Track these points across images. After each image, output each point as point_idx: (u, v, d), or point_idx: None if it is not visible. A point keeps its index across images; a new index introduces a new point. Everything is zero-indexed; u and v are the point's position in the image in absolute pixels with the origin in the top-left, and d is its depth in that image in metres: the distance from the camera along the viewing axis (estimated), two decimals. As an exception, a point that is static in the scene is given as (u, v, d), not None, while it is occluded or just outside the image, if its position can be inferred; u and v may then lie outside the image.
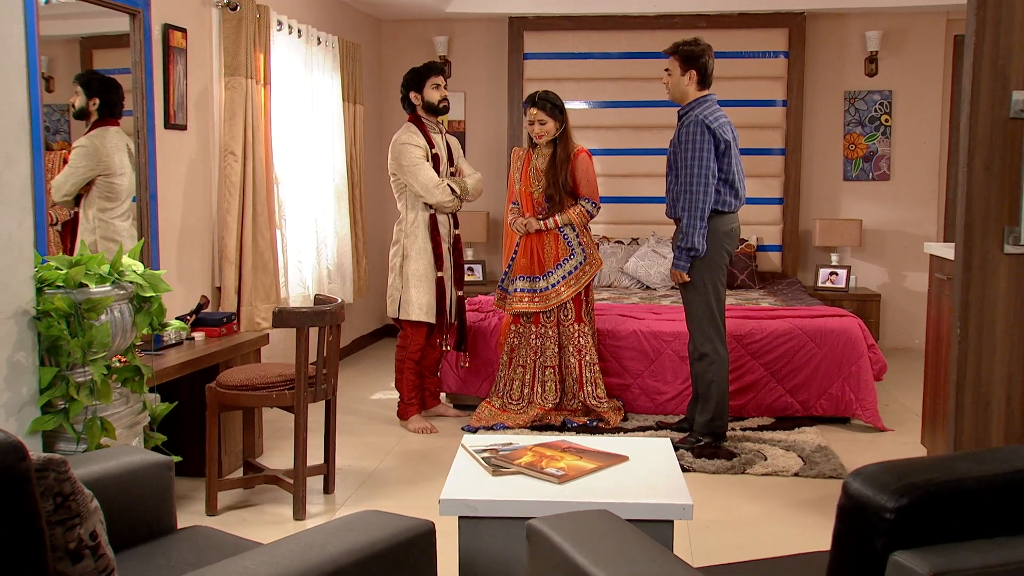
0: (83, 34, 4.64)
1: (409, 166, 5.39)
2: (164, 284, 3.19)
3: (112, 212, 4.59)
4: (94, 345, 2.91)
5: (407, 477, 4.71)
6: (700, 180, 4.81)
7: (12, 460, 1.58)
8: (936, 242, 7.81)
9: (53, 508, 1.71)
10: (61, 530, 1.72)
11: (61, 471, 1.72)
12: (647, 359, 5.72)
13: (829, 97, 8.03)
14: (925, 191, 7.95)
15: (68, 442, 3.00)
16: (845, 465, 4.77)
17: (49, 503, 1.70)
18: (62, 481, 1.72)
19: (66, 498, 1.73)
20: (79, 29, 4.62)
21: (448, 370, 5.88)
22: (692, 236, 4.84)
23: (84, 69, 4.64)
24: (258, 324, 5.48)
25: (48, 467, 1.71)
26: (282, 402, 4.11)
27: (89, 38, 4.68)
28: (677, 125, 5.01)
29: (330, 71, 6.74)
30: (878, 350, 5.67)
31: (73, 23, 4.55)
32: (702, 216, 4.82)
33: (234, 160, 5.34)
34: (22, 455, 1.60)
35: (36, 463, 1.68)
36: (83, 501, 1.77)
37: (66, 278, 2.91)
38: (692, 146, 4.83)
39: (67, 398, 2.94)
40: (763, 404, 5.64)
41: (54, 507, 1.71)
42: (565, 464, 2.97)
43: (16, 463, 1.59)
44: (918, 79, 7.88)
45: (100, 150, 4.49)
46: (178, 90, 5.04)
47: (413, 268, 5.47)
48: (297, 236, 6.17)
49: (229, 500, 4.33)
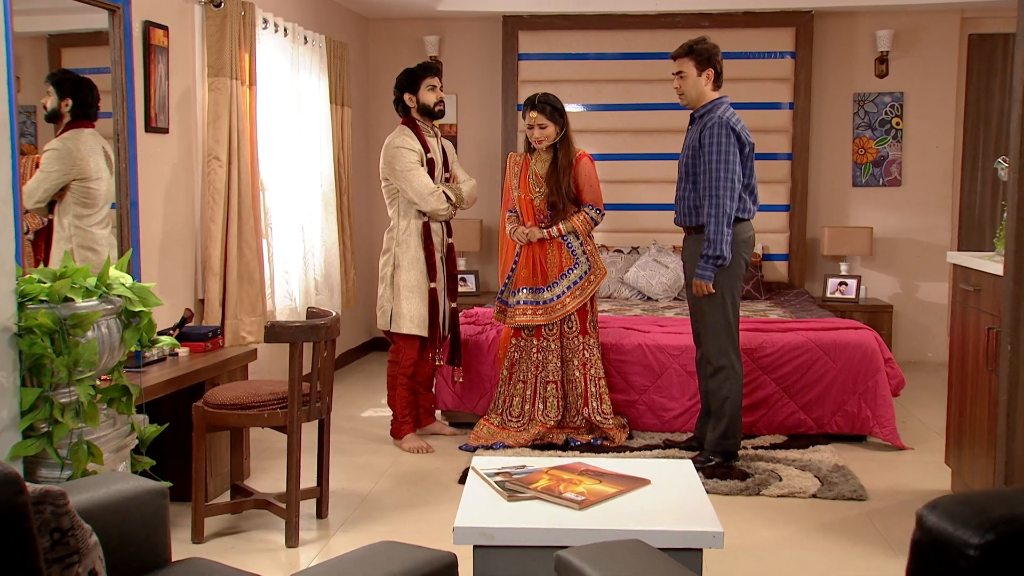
0: (52, 31, 4.55)
1: (403, 171, 5.32)
2: (154, 298, 3.11)
3: (89, 219, 4.50)
4: (80, 364, 2.82)
5: (404, 500, 4.63)
6: (727, 185, 4.76)
7: (8, 494, 1.50)
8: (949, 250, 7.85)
9: (50, 545, 1.63)
10: (59, 568, 1.65)
11: (59, 504, 1.64)
12: (653, 374, 5.66)
13: (838, 99, 8.01)
14: (938, 197, 7.93)
15: (51, 468, 2.91)
16: (865, 486, 4.72)
17: (46, 539, 1.63)
18: (60, 515, 1.64)
19: (64, 533, 1.65)
20: (47, 26, 4.53)
21: (443, 386, 5.81)
22: (720, 244, 4.77)
23: (53, 68, 4.54)
24: (243, 338, 5.39)
25: (45, 500, 1.63)
26: (274, 422, 4.03)
27: (58, 36, 4.59)
28: (692, 128, 4.97)
29: (317, 72, 6.67)
30: (895, 364, 5.62)
31: (41, 20, 4.47)
32: (728, 223, 4.78)
33: (218, 165, 5.26)
34: (18, 488, 1.52)
35: (32, 495, 1.60)
36: (82, 536, 1.69)
37: (50, 292, 2.83)
38: (717, 149, 4.77)
39: (51, 421, 2.86)
40: (775, 421, 5.59)
41: (51, 544, 1.64)
42: (584, 488, 2.91)
43: (12, 497, 1.51)
44: (931, 80, 7.87)
45: (74, 153, 4.41)
46: (159, 91, 4.96)
47: (405, 278, 5.40)
48: (284, 245, 6.09)
49: (216, 526, 4.24)
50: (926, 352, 7.97)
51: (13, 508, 1.51)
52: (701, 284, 4.86)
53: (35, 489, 1.62)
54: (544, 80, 7.82)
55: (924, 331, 7.98)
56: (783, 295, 7.60)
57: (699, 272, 4.85)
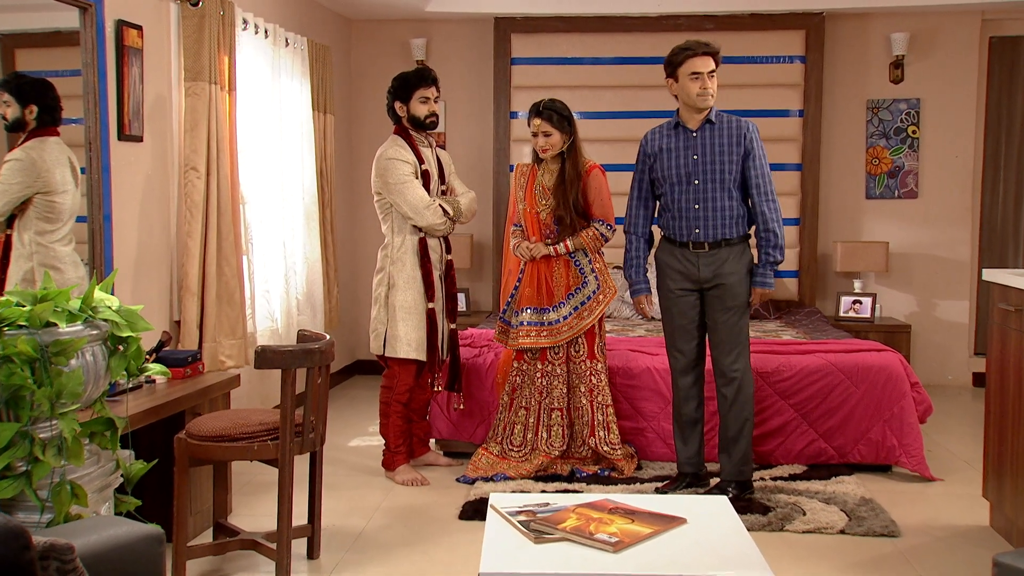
0: (4, 31, 4.42)
1: (396, 184, 5.23)
2: (143, 322, 3.00)
3: (52, 235, 4.38)
4: (64, 395, 2.71)
5: (400, 538, 4.53)
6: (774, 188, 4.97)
7: (13, 549, 1.40)
8: (969, 265, 7.86)
9: (56, 605, 1.52)
10: (64, 630, 1.54)
11: (66, 559, 1.54)
12: (663, 400, 5.58)
13: (850, 106, 7.98)
14: (958, 210, 7.91)
15: (29, 512, 2.79)
16: (896, 521, 4.64)
17: (52, 599, 1.52)
18: (67, 572, 1.54)
19: (71, 592, 1.54)
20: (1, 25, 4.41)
21: (438, 413, 5.71)
22: (783, 248, 4.92)
23: (6, 72, 4.40)
24: (223, 363, 5.29)
25: (50, 555, 1.53)
26: (265, 455, 3.92)
27: (11, 36, 4.46)
28: (701, 134, 4.94)
29: (299, 76, 6.59)
30: (922, 389, 5.57)
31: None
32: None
33: (196, 177, 5.16)
34: (24, 543, 1.42)
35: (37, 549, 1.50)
36: (89, 595, 1.59)
37: (30, 316, 2.71)
38: (763, 152, 4.94)
39: (30, 459, 2.73)
40: (793, 450, 5.52)
41: (57, 604, 1.52)
42: (617, 528, 2.82)
43: (17, 553, 1.40)
44: (949, 86, 7.85)
45: (38, 164, 4.28)
46: (134, 96, 4.85)
47: (400, 299, 5.31)
48: (264, 263, 5.99)
49: (198, 569, 4.13)
50: (946, 375, 7.93)
51: (18, 565, 1.40)
52: (766, 293, 4.96)
53: (40, 542, 1.51)
54: (538, 86, 7.76)
55: (944, 352, 7.94)
56: (794, 314, 7.54)
57: (766, 280, 4.92)
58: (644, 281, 5.20)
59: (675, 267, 4.97)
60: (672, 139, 5.02)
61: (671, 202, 4.99)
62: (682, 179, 4.93)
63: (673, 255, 4.99)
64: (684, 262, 4.95)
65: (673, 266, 4.98)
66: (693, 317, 4.99)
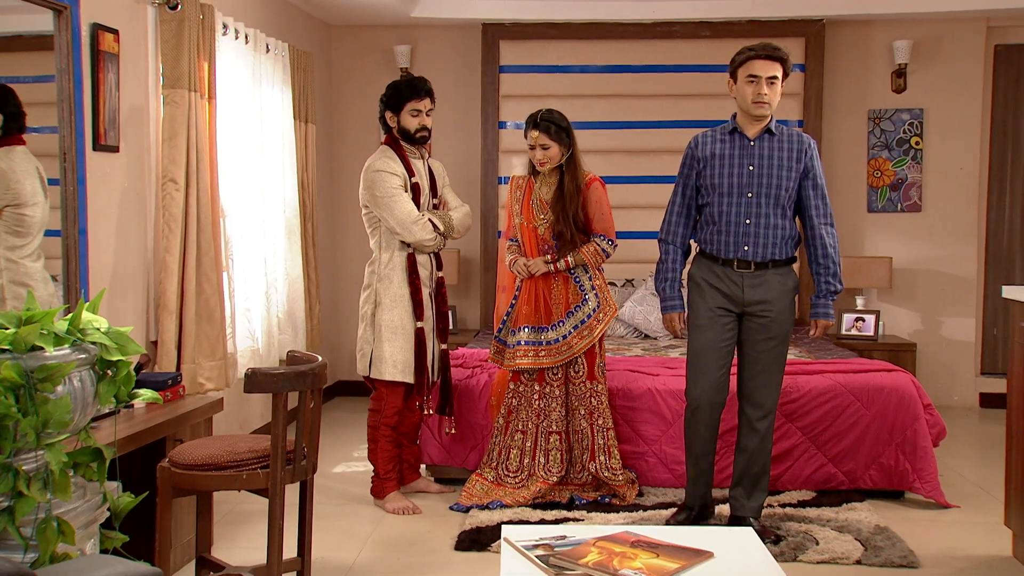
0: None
1: (384, 197, 5.15)
2: (134, 344, 2.90)
3: (22, 251, 4.27)
4: (50, 424, 2.60)
5: (394, 571, 4.46)
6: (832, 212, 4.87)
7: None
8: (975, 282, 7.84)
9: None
10: None
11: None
12: (664, 422, 5.52)
13: (851, 116, 7.99)
14: (963, 224, 7.92)
15: (12, 551, 2.67)
16: (914, 550, 4.59)
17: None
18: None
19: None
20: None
21: (429, 438, 5.63)
22: (841, 278, 4.86)
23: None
24: (202, 385, 5.19)
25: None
26: (254, 484, 3.80)
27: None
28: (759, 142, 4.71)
29: (280, 84, 6.51)
30: (935, 411, 5.53)
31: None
32: None
33: (175, 189, 5.07)
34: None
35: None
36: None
37: (14, 339, 2.60)
38: (822, 173, 4.84)
39: (13, 494, 2.62)
40: (801, 475, 5.47)
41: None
42: (642, 564, 2.75)
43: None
44: (954, 95, 7.87)
45: (8, 175, 4.19)
46: (110, 103, 4.76)
47: (387, 318, 5.22)
48: (245, 279, 5.90)
49: (181, 606, 4.02)
50: (952, 395, 7.91)
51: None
52: (830, 324, 4.89)
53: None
54: (528, 95, 7.72)
55: (949, 372, 7.92)
56: (794, 332, 7.48)
57: (828, 312, 4.85)
58: (678, 297, 4.91)
59: (715, 285, 4.74)
60: (727, 145, 4.74)
61: (718, 215, 4.71)
62: (734, 190, 4.68)
63: (713, 272, 4.75)
64: (727, 281, 4.71)
65: (713, 283, 4.74)
66: (729, 340, 4.77)
